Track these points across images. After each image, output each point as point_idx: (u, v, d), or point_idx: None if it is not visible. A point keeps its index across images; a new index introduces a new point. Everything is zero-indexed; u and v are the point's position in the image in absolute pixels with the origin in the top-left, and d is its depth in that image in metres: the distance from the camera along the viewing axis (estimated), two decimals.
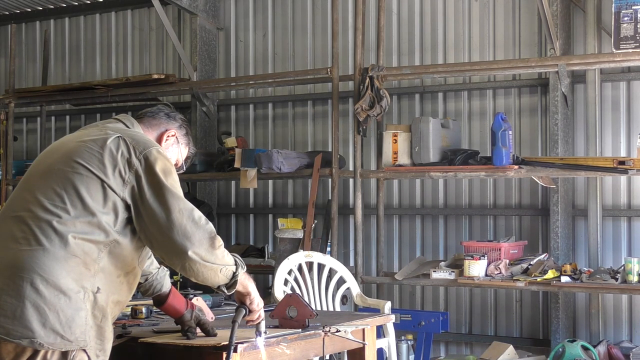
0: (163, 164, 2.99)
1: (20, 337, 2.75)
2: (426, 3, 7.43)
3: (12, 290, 2.79)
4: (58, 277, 2.81)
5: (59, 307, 2.79)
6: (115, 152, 2.96)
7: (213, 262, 2.95)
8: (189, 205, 2.97)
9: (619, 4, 5.85)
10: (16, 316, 2.76)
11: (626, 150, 6.63)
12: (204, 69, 8.00)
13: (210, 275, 2.97)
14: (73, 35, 9.24)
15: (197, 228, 2.93)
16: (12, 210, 2.96)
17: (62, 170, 2.95)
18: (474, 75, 6.98)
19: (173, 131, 3.29)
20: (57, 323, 2.78)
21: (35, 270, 2.79)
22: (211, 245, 2.95)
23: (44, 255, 2.82)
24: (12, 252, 2.84)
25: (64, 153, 3.01)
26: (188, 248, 2.90)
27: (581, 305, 6.73)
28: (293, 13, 8.03)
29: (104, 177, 2.92)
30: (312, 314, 3.70)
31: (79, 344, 2.83)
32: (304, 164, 7.03)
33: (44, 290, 2.78)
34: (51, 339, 2.77)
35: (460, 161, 6.35)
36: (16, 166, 8.34)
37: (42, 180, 2.97)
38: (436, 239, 7.36)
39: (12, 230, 2.90)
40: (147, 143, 3.03)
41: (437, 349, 7.20)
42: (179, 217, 2.92)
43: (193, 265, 2.92)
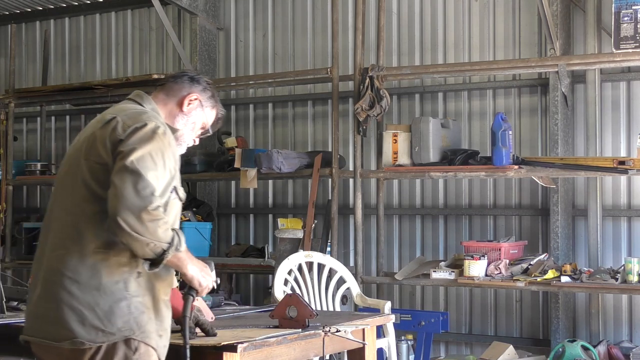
0: (144, 134, 2.94)
1: (62, 339, 2.87)
2: (426, 3, 7.43)
3: (47, 296, 2.92)
4: (88, 275, 2.88)
5: (93, 303, 2.87)
6: (104, 132, 2.98)
7: (141, 234, 2.82)
8: (144, 176, 2.86)
9: (619, 4, 5.85)
10: (56, 320, 2.89)
11: (626, 150, 6.62)
12: (204, 69, 8.00)
13: (136, 247, 2.85)
14: (73, 35, 9.24)
15: (135, 196, 2.83)
16: (49, 219, 3.11)
17: (73, 170, 3.03)
18: (474, 75, 6.98)
19: (195, 95, 3.24)
20: (95, 319, 2.86)
21: (64, 273, 2.90)
22: (142, 217, 2.82)
23: (70, 257, 2.91)
24: (49, 260, 2.98)
25: (73, 152, 3.10)
26: (117, 213, 2.81)
27: (581, 305, 6.72)
28: (293, 13, 8.03)
29: (102, 160, 2.94)
30: (312, 314, 3.71)
31: (123, 333, 2.88)
32: (304, 164, 7.03)
33: (76, 290, 2.88)
34: (92, 335, 2.85)
35: (460, 161, 6.35)
36: (16, 166, 8.34)
37: (61, 183, 3.10)
38: (436, 239, 7.36)
39: (45, 237, 3.06)
40: (137, 118, 3.00)
41: (437, 349, 7.20)
42: (124, 182, 2.85)
43: (119, 232, 2.82)
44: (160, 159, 2.93)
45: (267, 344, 3.44)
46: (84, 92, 8.05)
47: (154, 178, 2.88)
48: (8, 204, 8.19)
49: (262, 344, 3.41)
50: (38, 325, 2.96)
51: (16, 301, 4.24)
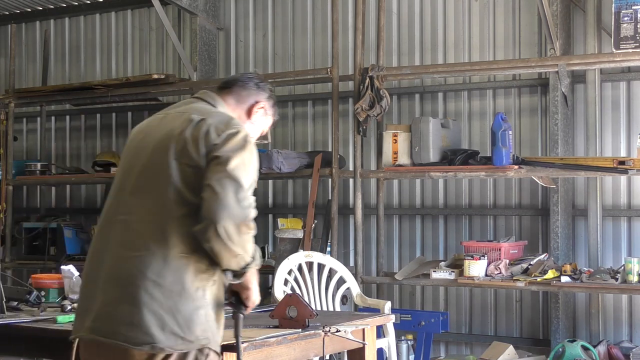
0: (239, 141, 2.92)
1: (141, 344, 2.79)
2: (426, 3, 7.43)
3: (128, 299, 2.82)
4: (171, 280, 2.83)
5: (175, 310, 2.82)
6: (197, 134, 2.92)
7: (235, 245, 2.82)
8: (240, 184, 2.87)
9: (619, 4, 5.85)
10: (135, 323, 2.80)
11: (626, 150, 6.62)
12: (204, 69, 7.99)
13: (225, 256, 2.84)
14: (73, 35, 9.24)
15: (237, 205, 2.83)
16: (116, 214, 2.97)
17: (158, 169, 2.93)
18: (474, 75, 6.98)
19: (262, 103, 3.24)
20: (175, 325, 2.81)
21: (147, 276, 2.82)
22: (241, 227, 2.84)
23: (154, 259, 2.83)
24: (123, 259, 2.87)
25: (156, 149, 2.98)
26: (220, 220, 2.78)
27: (581, 305, 6.72)
28: (293, 13, 8.03)
29: (194, 163, 2.89)
30: (312, 314, 3.71)
31: (201, 342, 2.86)
32: (304, 164, 7.03)
33: (159, 294, 2.81)
34: (171, 342, 2.80)
35: (460, 161, 6.35)
36: (16, 166, 8.34)
37: (141, 180, 2.96)
38: (436, 239, 7.36)
39: (119, 235, 2.92)
40: (230, 123, 2.98)
41: (437, 349, 7.20)
42: (225, 189, 2.83)
43: (215, 239, 2.79)
44: (251, 168, 2.94)
45: (267, 344, 3.44)
46: (84, 92, 8.06)
47: (249, 188, 2.90)
48: (8, 204, 8.19)
49: (262, 344, 3.41)
50: (110, 326, 2.84)
51: (16, 301, 4.24)
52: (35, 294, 4.35)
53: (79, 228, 8.24)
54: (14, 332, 3.85)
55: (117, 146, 8.81)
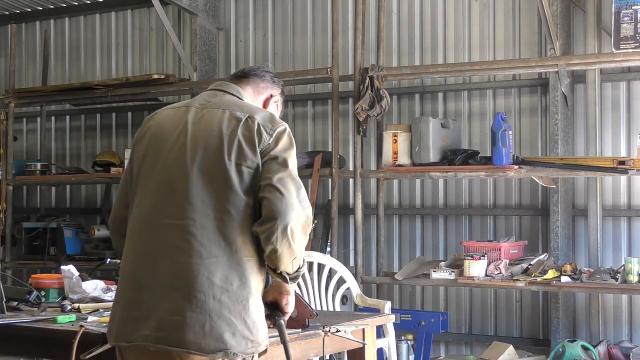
0: (288, 139, 2.97)
1: (214, 351, 2.78)
2: (426, 3, 7.43)
3: (195, 307, 2.78)
4: (238, 284, 2.82)
5: (244, 314, 2.82)
6: (251, 135, 2.90)
7: (296, 246, 2.83)
8: (299, 184, 2.89)
9: (619, 4, 5.85)
10: (206, 331, 2.77)
11: (626, 150, 6.62)
12: (204, 69, 7.99)
13: (285, 257, 2.83)
14: (73, 35, 9.24)
15: (300, 206, 2.83)
16: (163, 217, 2.88)
17: (215, 172, 2.87)
18: (474, 75, 6.98)
19: (277, 97, 3.30)
20: (245, 329, 2.82)
21: (214, 282, 2.79)
22: (305, 228, 2.86)
23: (219, 265, 2.81)
24: (185, 265, 2.81)
25: (208, 150, 2.90)
26: (289, 221, 2.79)
27: (581, 305, 6.72)
28: (293, 13, 8.03)
29: (252, 165, 2.87)
30: (312, 314, 3.70)
31: (265, 343, 2.89)
32: (304, 164, 7.02)
33: (227, 300, 2.79)
34: (242, 346, 2.81)
35: (460, 161, 6.35)
36: (16, 166, 8.34)
37: (195, 183, 2.87)
38: (436, 239, 7.36)
39: (175, 241, 2.84)
40: (274, 120, 3.01)
41: (437, 349, 7.20)
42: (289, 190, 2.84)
43: (281, 239, 2.78)
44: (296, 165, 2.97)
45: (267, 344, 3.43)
46: (84, 92, 8.06)
47: (302, 185, 2.91)
48: (8, 204, 8.19)
49: None
50: (180, 335, 2.77)
51: (16, 301, 4.24)
52: (35, 294, 4.34)
53: (79, 228, 8.23)
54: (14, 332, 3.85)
55: (117, 146, 8.81)
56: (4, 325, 3.84)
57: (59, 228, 8.02)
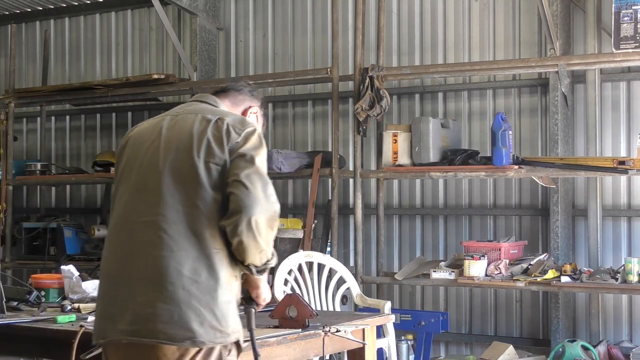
0: (257, 139, 3.04)
1: (182, 340, 2.84)
2: (426, 3, 7.43)
3: (166, 298, 2.86)
4: (206, 275, 2.90)
5: (212, 304, 2.88)
6: (219, 134, 3.01)
7: (262, 239, 2.90)
8: (266, 180, 2.98)
9: (619, 4, 5.85)
10: (174, 320, 2.85)
11: (626, 150, 6.62)
12: (204, 69, 7.99)
13: (251, 251, 2.91)
14: (73, 35, 9.24)
15: (266, 200, 2.92)
16: (139, 215, 2.99)
17: (186, 170, 2.98)
18: (474, 75, 6.98)
19: (256, 108, 3.39)
20: (213, 319, 2.88)
21: (183, 274, 2.87)
22: (270, 222, 2.93)
23: (187, 257, 2.90)
24: (156, 259, 2.91)
25: (180, 150, 3.02)
26: (253, 214, 2.87)
27: (581, 305, 6.72)
28: (293, 13, 8.03)
29: (220, 162, 2.97)
30: (312, 314, 3.71)
31: (236, 334, 2.94)
32: (304, 164, 7.03)
33: (196, 291, 2.87)
34: (210, 335, 2.87)
35: (460, 161, 6.35)
36: (16, 166, 8.34)
37: (166, 182, 2.99)
38: (436, 239, 7.36)
39: (148, 237, 2.94)
40: (244, 122, 3.10)
41: (437, 349, 7.20)
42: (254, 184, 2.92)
43: (246, 231, 2.87)
44: (266, 164, 3.04)
45: (267, 344, 3.44)
46: (84, 92, 8.06)
47: (270, 182, 2.99)
48: (8, 204, 8.19)
49: (262, 344, 3.41)
50: (151, 326, 2.87)
51: (16, 301, 4.24)
52: (35, 294, 4.35)
53: (79, 228, 8.23)
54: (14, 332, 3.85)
55: (117, 146, 8.79)
56: (4, 325, 3.84)
57: (59, 228, 8.02)
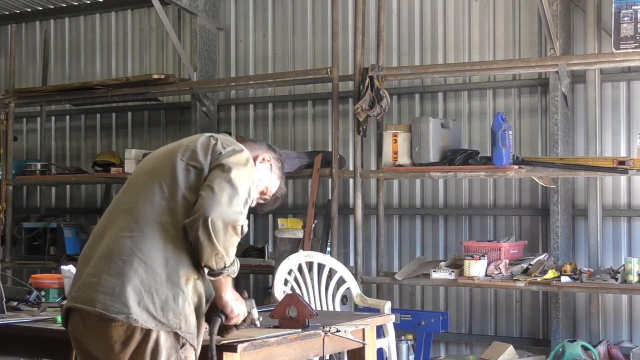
0: (242, 158, 3.17)
1: (117, 313, 2.94)
2: (426, 3, 7.43)
3: (113, 271, 2.99)
4: (158, 261, 3.00)
5: (154, 290, 2.97)
6: (206, 144, 3.19)
7: (218, 242, 2.97)
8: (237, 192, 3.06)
9: (619, 4, 5.85)
10: (115, 293, 2.95)
11: (626, 150, 6.62)
12: (204, 69, 8.00)
13: (206, 251, 2.99)
14: (73, 35, 9.24)
15: (229, 207, 3.01)
16: (119, 205, 3.20)
17: (163, 168, 3.17)
18: (474, 75, 6.98)
19: (269, 156, 3.49)
20: (150, 304, 2.96)
21: (136, 254, 3.00)
22: (228, 227, 2.99)
23: (145, 241, 3.02)
24: (117, 238, 3.06)
25: (164, 154, 3.25)
26: (210, 214, 2.97)
27: (581, 305, 6.72)
28: (293, 13, 8.03)
29: (199, 165, 3.13)
30: (312, 314, 3.71)
31: (171, 326, 2.98)
32: (304, 164, 7.03)
33: (143, 272, 2.98)
34: (144, 317, 2.95)
35: (460, 161, 6.35)
36: (16, 166, 8.34)
37: (146, 178, 3.20)
38: (436, 239, 7.36)
39: (117, 220, 3.12)
40: (236, 143, 3.25)
41: (437, 349, 7.20)
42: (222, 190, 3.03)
43: (202, 230, 2.96)
44: (248, 186, 3.14)
45: (267, 344, 3.44)
46: (84, 92, 8.06)
47: (244, 201, 3.08)
48: (8, 204, 8.19)
49: (262, 344, 3.41)
50: (91, 295, 3.00)
51: (16, 301, 4.24)
52: (35, 294, 4.35)
53: (79, 228, 8.23)
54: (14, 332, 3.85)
55: (117, 146, 8.81)
56: (4, 325, 3.84)
57: (59, 228, 8.02)
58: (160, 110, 8.70)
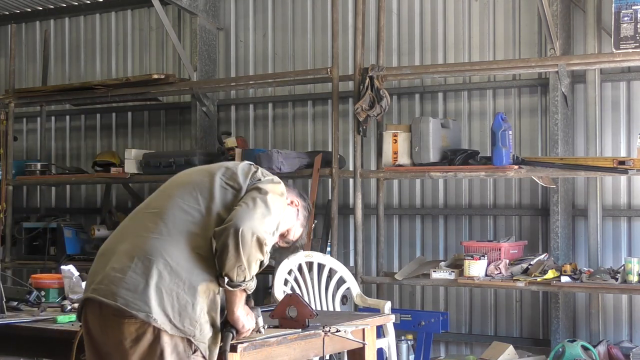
0: (279, 188, 3.29)
1: (138, 310, 2.99)
2: (426, 3, 7.43)
3: (139, 269, 3.04)
4: (183, 267, 3.06)
5: (175, 294, 3.03)
6: (247, 170, 3.33)
7: (243, 254, 3.04)
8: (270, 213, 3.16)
9: (619, 4, 5.85)
10: (138, 291, 3.01)
11: (626, 150, 6.62)
12: (204, 69, 8.00)
13: (229, 260, 3.04)
14: (73, 35, 9.24)
15: (260, 224, 3.09)
16: (148, 208, 3.27)
17: (201, 181, 3.27)
18: (474, 75, 6.98)
19: (298, 201, 3.58)
20: (169, 307, 3.01)
21: (163, 256, 3.06)
22: (255, 241, 3.06)
23: (173, 246, 3.09)
24: (144, 238, 3.12)
25: (204, 170, 3.36)
26: (242, 224, 3.04)
27: (581, 305, 6.72)
28: (293, 13, 8.03)
29: (237, 186, 3.24)
30: (312, 314, 3.71)
31: (187, 333, 3.03)
32: (304, 164, 7.02)
33: (167, 275, 3.04)
34: (161, 319, 3.00)
35: (460, 161, 6.35)
36: (16, 166, 8.34)
37: (181, 188, 3.27)
38: (436, 239, 7.36)
39: (146, 222, 3.18)
40: (275, 177, 3.37)
41: (437, 349, 7.20)
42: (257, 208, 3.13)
43: (231, 238, 3.02)
44: (279, 217, 3.23)
45: (267, 344, 3.44)
46: (84, 92, 8.05)
47: (274, 226, 3.19)
48: (8, 204, 8.19)
49: (262, 344, 3.41)
50: (113, 289, 3.03)
51: (16, 301, 4.24)
52: (35, 294, 4.35)
53: (79, 228, 8.23)
54: (14, 332, 3.85)
55: (117, 146, 8.81)
56: (4, 325, 3.84)
57: (59, 228, 8.02)
58: (160, 110, 8.70)
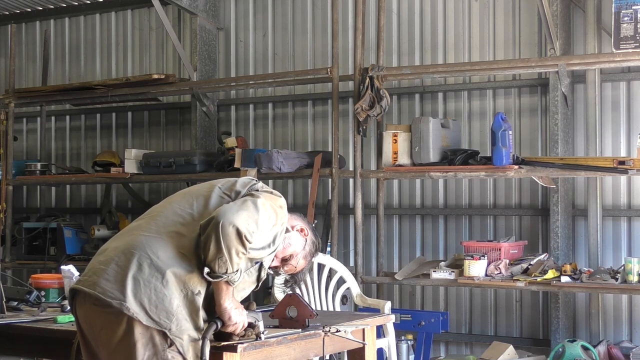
0: (278, 201, 3.35)
1: (112, 298, 3.07)
2: (426, 3, 7.43)
3: (121, 262, 3.15)
4: (164, 262, 3.13)
5: (152, 286, 3.09)
6: (247, 182, 3.42)
7: (225, 246, 3.08)
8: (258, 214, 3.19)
9: (619, 4, 5.85)
10: (117, 281, 3.11)
11: (626, 150, 6.62)
12: (204, 69, 8.00)
13: (211, 251, 3.10)
14: (73, 35, 9.24)
15: (245, 222, 3.12)
16: (150, 213, 3.41)
17: (200, 190, 3.41)
18: (474, 75, 6.98)
19: (308, 232, 3.62)
20: (145, 298, 3.08)
21: (145, 250, 3.15)
22: (238, 236, 3.09)
23: (158, 242, 3.18)
24: (134, 236, 3.25)
25: (207, 183, 3.48)
26: (226, 218, 3.09)
27: (581, 305, 6.72)
28: (293, 13, 8.03)
29: (233, 195, 3.32)
30: (312, 314, 3.71)
31: (162, 325, 3.07)
32: (304, 164, 7.02)
33: (147, 267, 3.12)
34: (137, 309, 3.06)
35: (460, 161, 6.35)
36: (16, 166, 8.34)
37: (182, 195, 3.44)
38: (436, 239, 7.36)
39: (141, 223, 3.33)
40: (275, 191, 3.43)
41: (437, 349, 7.20)
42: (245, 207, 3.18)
43: (213, 230, 3.08)
44: (268, 221, 3.24)
45: (267, 344, 3.44)
46: (84, 92, 8.05)
47: (262, 229, 3.20)
48: (8, 204, 8.19)
49: (262, 344, 3.41)
50: (95, 279, 3.14)
51: (16, 301, 4.24)
52: (35, 294, 4.35)
53: (79, 228, 8.23)
54: (14, 332, 3.85)
55: (117, 146, 8.81)
56: (4, 325, 3.84)
57: (59, 228, 8.02)
58: (160, 110, 8.70)
